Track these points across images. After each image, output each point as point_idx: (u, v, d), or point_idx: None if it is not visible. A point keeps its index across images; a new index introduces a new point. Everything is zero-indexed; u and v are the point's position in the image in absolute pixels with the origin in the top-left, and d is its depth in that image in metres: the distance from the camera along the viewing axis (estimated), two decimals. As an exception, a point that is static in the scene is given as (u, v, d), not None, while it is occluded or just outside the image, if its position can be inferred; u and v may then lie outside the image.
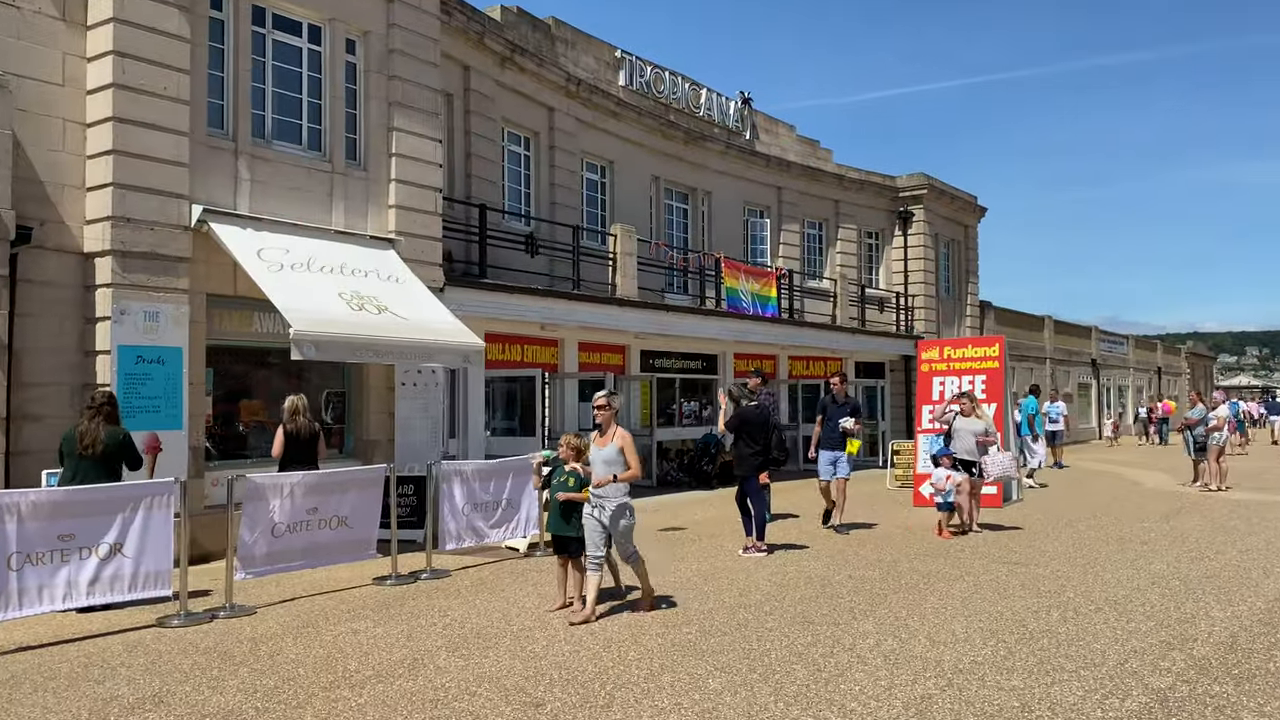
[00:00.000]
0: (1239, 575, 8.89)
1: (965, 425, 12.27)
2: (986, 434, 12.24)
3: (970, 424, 12.25)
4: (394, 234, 12.76)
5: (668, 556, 10.17)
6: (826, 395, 12.62)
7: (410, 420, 12.98)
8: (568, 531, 7.79)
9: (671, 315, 18.41)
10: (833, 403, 12.29)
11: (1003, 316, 32.86)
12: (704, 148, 22.04)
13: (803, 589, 8.43)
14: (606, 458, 7.56)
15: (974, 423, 12.26)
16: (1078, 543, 11.03)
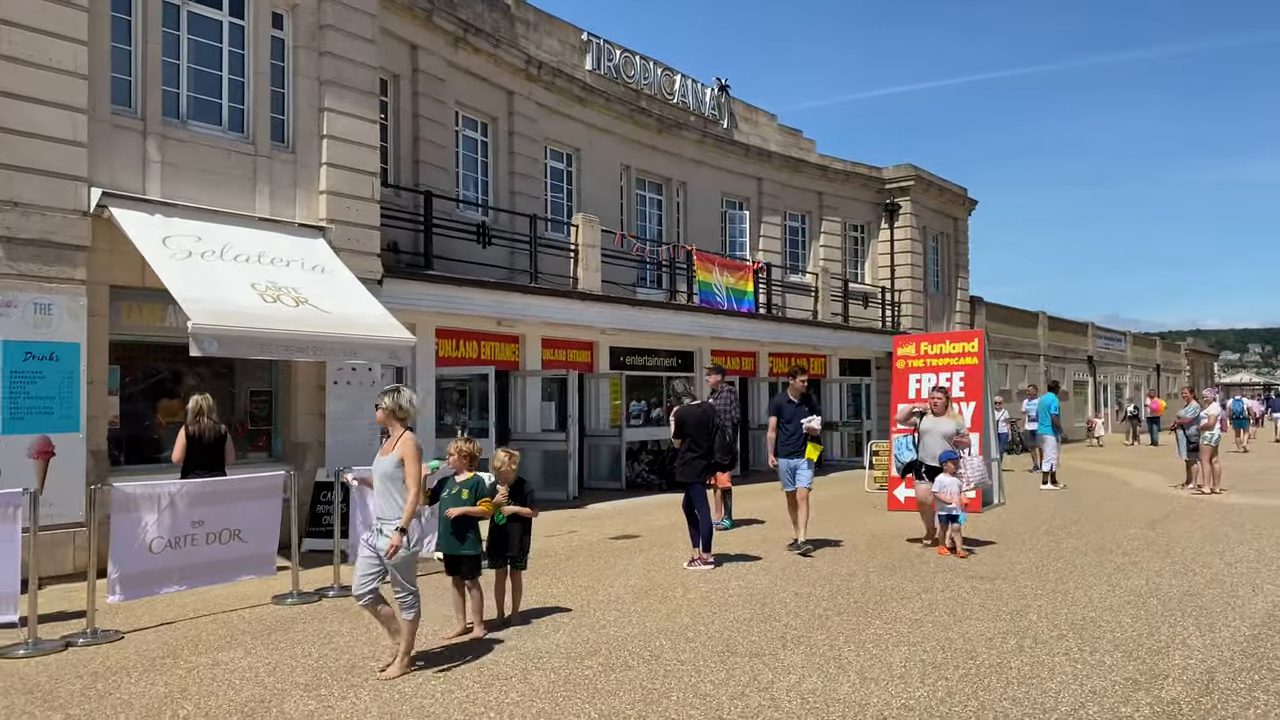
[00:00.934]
0: (1224, 593, 8.04)
1: (935, 426, 10.78)
2: (959, 435, 10.78)
3: (941, 424, 10.77)
4: (325, 222, 11.92)
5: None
6: (782, 394, 11.06)
7: (343, 421, 12.14)
8: (460, 550, 6.94)
9: (639, 310, 17.58)
10: (789, 403, 10.73)
11: (995, 312, 31.99)
12: (678, 136, 21.18)
13: (739, 609, 7.59)
14: (384, 470, 6.10)
15: (944, 423, 10.78)
16: (1054, 553, 10.18)
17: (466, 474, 7.02)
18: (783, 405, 10.79)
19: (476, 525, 6.96)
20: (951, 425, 10.84)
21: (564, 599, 8.10)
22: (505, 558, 7.30)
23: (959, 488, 10.30)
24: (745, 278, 20.49)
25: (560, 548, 11.18)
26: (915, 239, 27.11)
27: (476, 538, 6.94)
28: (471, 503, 6.90)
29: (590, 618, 7.36)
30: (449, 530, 6.94)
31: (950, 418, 10.94)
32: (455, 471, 7.08)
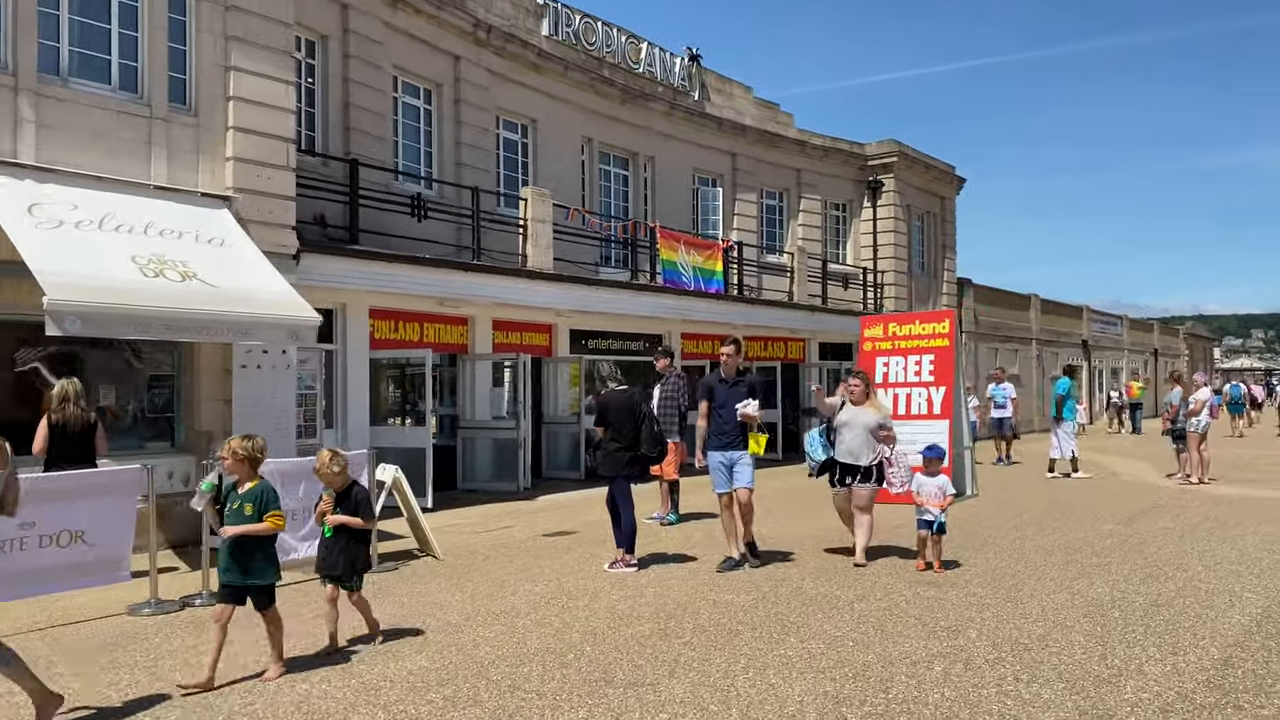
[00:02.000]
0: (1197, 602, 7.09)
1: (855, 418, 8.97)
2: (883, 429, 8.98)
3: (861, 415, 8.96)
4: (231, 191, 10.94)
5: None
6: (713, 373, 9.20)
7: (253, 408, 11.17)
8: (245, 580, 5.53)
9: (596, 290, 16.60)
10: (721, 383, 8.84)
11: (984, 295, 30.98)
12: (645, 108, 20.14)
13: (642, 623, 6.66)
14: None
15: (866, 414, 8.97)
16: (1016, 554, 9.24)
17: (250, 483, 5.66)
18: (714, 387, 8.85)
19: (269, 547, 5.65)
20: (874, 417, 9.00)
21: (451, 610, 7.17)
22: (332, 578, 6.16)
23: (940, 490, 8.67)
24: (714, 257, 19.50)
25: (483, 546, 10.26)
26: (899, 218, 26.08)
27: (268, 562, 5.62)
28: (256, 518, 5.53)
29: (468, 635, 6.43)
30: (229, 554, 5.53)
31: (873, 407, 9.10)
32: (235, 480, 5.72)
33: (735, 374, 8.91)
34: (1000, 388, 20.26)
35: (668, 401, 11.91)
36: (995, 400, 20.14)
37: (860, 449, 8.91)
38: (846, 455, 8.96)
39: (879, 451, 8.94)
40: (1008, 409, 19.90)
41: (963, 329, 29.03)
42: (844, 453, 8.98)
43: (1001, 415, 19.93)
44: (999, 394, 20.13)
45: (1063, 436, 17.03)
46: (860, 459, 8.90)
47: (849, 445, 8.93)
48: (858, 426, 8.94)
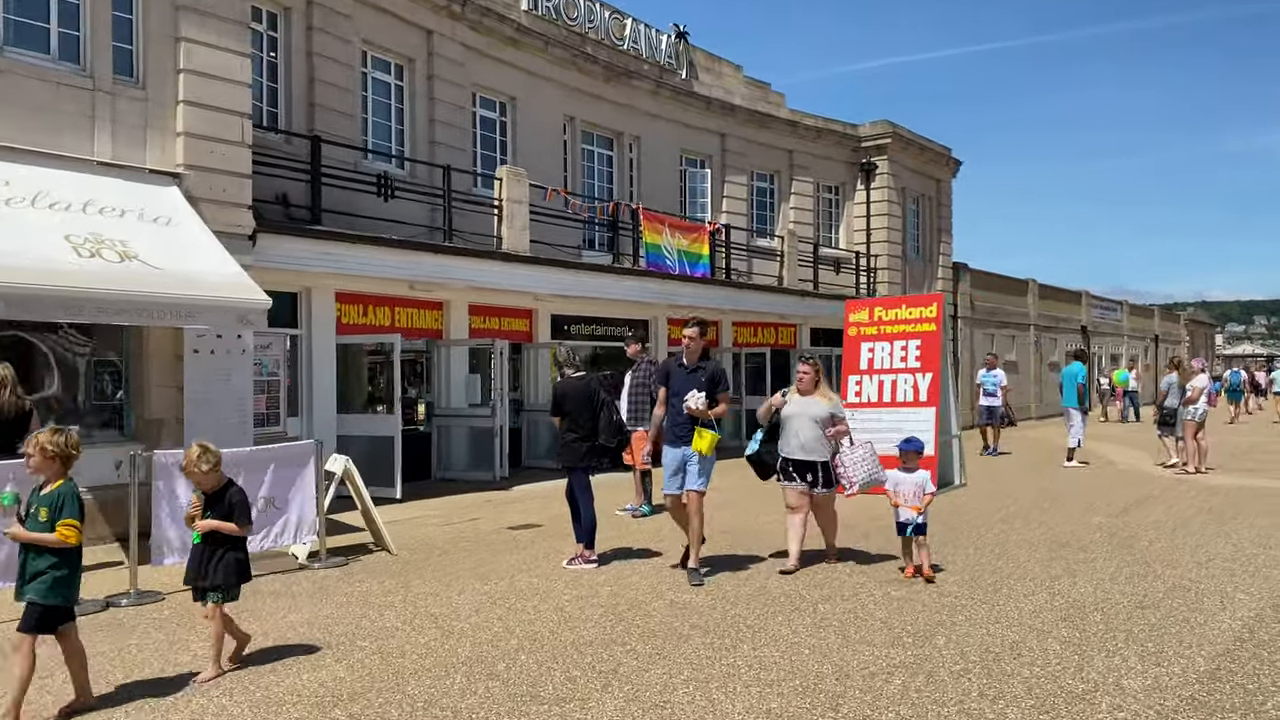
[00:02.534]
0: (1186, 604, 6.62)
1: (803, 409, 8.02)
2: (834, 421, 8.04)
3: (810, 406, 8.04)
4: (182, 168, 10.44)
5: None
6: (673, 357, 8.30)
7: (206, 395, 10.70)
8: (25, 595, 4.70)
9: (575, 274, 16.09)
10: (679, 367, 7.85)
11: (981, 280, 30.42)
12: (630, 86, 19.57)
13: (590, 626, 6.20)
14: None
15: (815, 404, 8.05)
16: (999, 549, 8.77)
17: (55, 484, 4.76)
18: (671, 372, 7.90)
19: (68, 563, 4.73)
20: (824, 407, 8.04)
21: (389, 612, 6.71)
22: (200, 589, 5.44)
23: (919, 488, 7.72)
24: (700, 240, 18.98)
25: (444, 539, 9.81)
26: (894, 201, 25.52)
27: (59, 582, 4.68)
28: (49, 526, 4.64)
29: (399, 640, 5.97)
30: (21, 563, 4.75)
31: (823, 397, 8.11)
32: (41, 482, 4.83)
33: (698, 359, 7.90)
34: (991, 374, 19.22)
35: (639, 389, 11.44)
36: (985, 388, 19.17)
37: (814, 443, 7.98)
38: (799, 451, 7.98)
39: (830, 447, 8.03)
40: (998, 397, 18.85)
41: (958, 314, 28.54)
42: (795, 448, 7.99)
43: (991, 403, 18.91)
44: (989, 381, 19.13)
45: (1076, 423, 16.53)
46: (812, 453, 7.97)
47: (802, 439, 7.95)
48: (805, 418, 7.95)
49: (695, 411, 7.50)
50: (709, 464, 7.68)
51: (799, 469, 8.04)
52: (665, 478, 7.77)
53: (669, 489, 7.75)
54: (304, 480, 8.52)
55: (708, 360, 8.00)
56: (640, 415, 11.35)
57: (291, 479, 8.45)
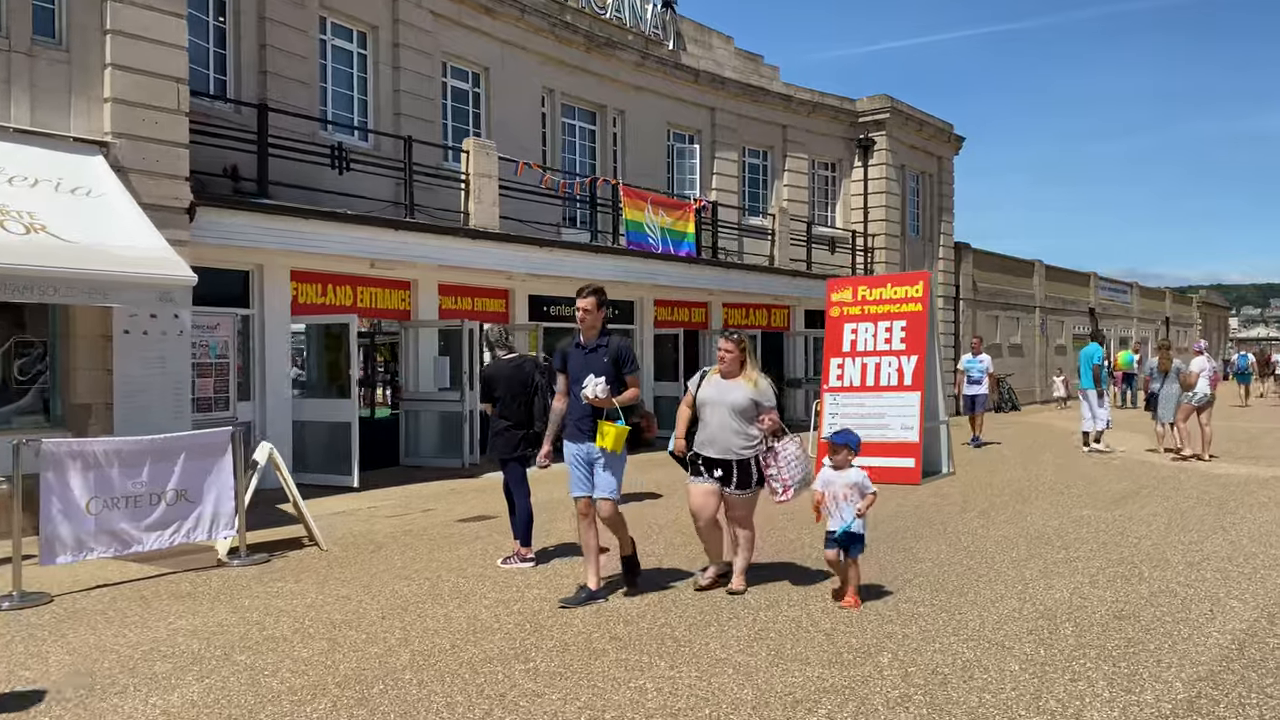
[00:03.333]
0: (1170, 613, 5.93)
1: (722, 395, 6.53)
2: (759, 409, 6.50)
3: (731, 392, 6.52)
4: (110, 136, 9.79)
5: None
6: (571, 338, 6.74)
7: (138, 379, 10.07)
8: None
9: (549, 252, 15.38)
10: (576, 348, 6.52)
11: (984, 260, 29.59)
12: (614, 57, 18.80)
13: (493, 640, 5.55)
14: None
15: (736, 389, 6.53)
16: (972, 546, 8.08)
17: None
18: (568, 354, 6.54)
19: None
20: (746, 393, 6.49)
21: (285, 619, 6.08)
22: None
23: (854, 490, 6.27)
24: (685, 218, 18.25)
25: (386, 533, 9.17)
26: (892, 178, 24.71)
27: None
28: None
29: (280, 654, 5.33)
30: None
31: (747, 381, 6.57)
32: None
33: (597, 336, 6.47)
34: (976, 360, 17.50)
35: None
36: (969, 374, 17.48)
37: (727, 437, 6.44)
38: (708, 445, 6.51)
39: (753, 442, 6.50)
40: (983, 384, 17.25)
41: (960, 295, 27.77)
42: (704, 442, 6.53)
43: (976, 392, 17.24)
44: (974, 367, 17.43)
45: (1096, 406, 15.76)
46: (728, 450, 6.46)
47: (712, 431, 6.48)
48: (723, 407, 6.48)
49: (595, 401, 6.17)
50: (619, 463, 6.36)
51: (709, 466, 6.57)
52: (571, 479, 6.45)
53: (575, 490, 6.46)
54: (220, 470, 7.89)
55: (609, 337, 6.52)
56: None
57: (206, 469, 7.82)
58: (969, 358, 17.59)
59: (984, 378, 17.10)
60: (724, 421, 6.47)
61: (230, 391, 12.13)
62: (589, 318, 6.48)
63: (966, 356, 17.74)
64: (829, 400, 13.05)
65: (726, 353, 6.61)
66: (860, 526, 6.24)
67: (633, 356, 6.50)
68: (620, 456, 6.35)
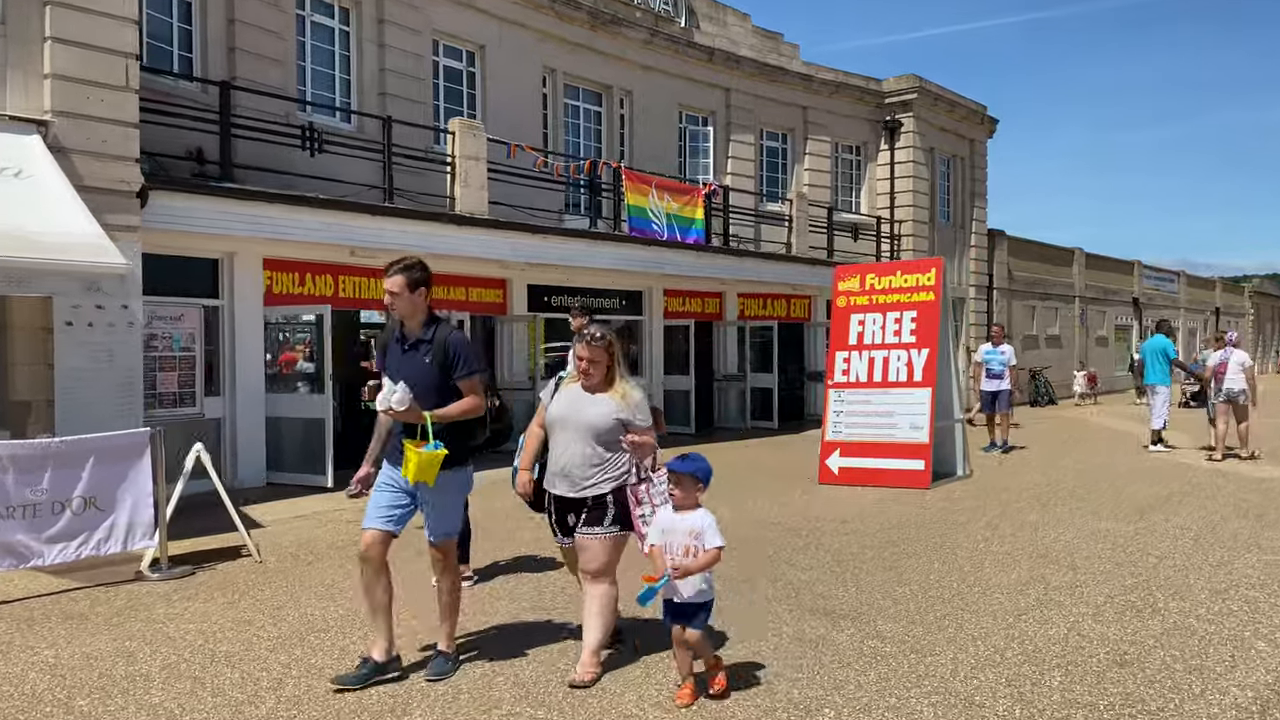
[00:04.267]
0: (1184, 659, 5.03)
1: (574, 412, 4.89)
2: (628, 430, 4.84)
3: (587, 408, 4.86)
4: (50, 115, 9.17)
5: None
6: (391, 327, 5.24)
7: (83, 374, 9.46)
8: None
9: (543, 239, 14.60)
10: (396, 342, 5.01)
11: (1020, 248, 28.37)
12: (620, 35, 17.96)
13: (374, 687, 4.80)
14: None
15: (596, 405, 4.86)
16: (967, 567, 7.19)
17: None
18: (387, 347, 5.04)
19: None
20: (610, 408, 4.82)
21: (169, 645, 5.39)
22: None
23: (693, 538, 4.48)
24: (693, 203, 17.38)
25: (328, 542, 8.48)
26: (920, 162, 23.62)
27: None
28: None
29: (123, 698, 4.64)
30: None
31: (615, 394, 4.85)
32: None
33: (420, 328, 4.91)
34: (996, 351, 15.12)
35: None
36: (989, 368, 15.09)
37: (577, 466, 4.82)
38: (559, 480, 4.88)
39: (618, 473, 4.85)
40: (1005, 379, 14.85)
41: (993, 285, 26.64)
42: (554, 475, 4.91)
43: (996, 388, 14.90)
44: (994, 360, 15.07)
45: (1159, 404, 14.69)
46: (576, 484, 4.83)
47: (563, 462, 4.86)
48: (577, 429, 4.82)
49: (394, 414, 4.64)
50: (449, 498, 4.88)
51: (562, 510, 4.95)
52: (369, 509, 4.87)
53: (370, 522, 4.83)
54: (137, 475, 7.23)
55: (436, 328, 4.92)
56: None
57: (120, 474, 7.16)
58: (988, 348, 15.30)
59: (1005, 371, 14.84)
60: (579, 449, 4.80)
61: (196, 386, 11.55)
62: (399, 303, 4.86)
63: (985, 347, 15.49)
64: (834, 397, 12.16)
65: (583, 358, 4.80)
66: (705, 590, 4.51)
67: (468, 355, 4.83)
68: (451, 490, 4.84)
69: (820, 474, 11.81)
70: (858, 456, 11.68)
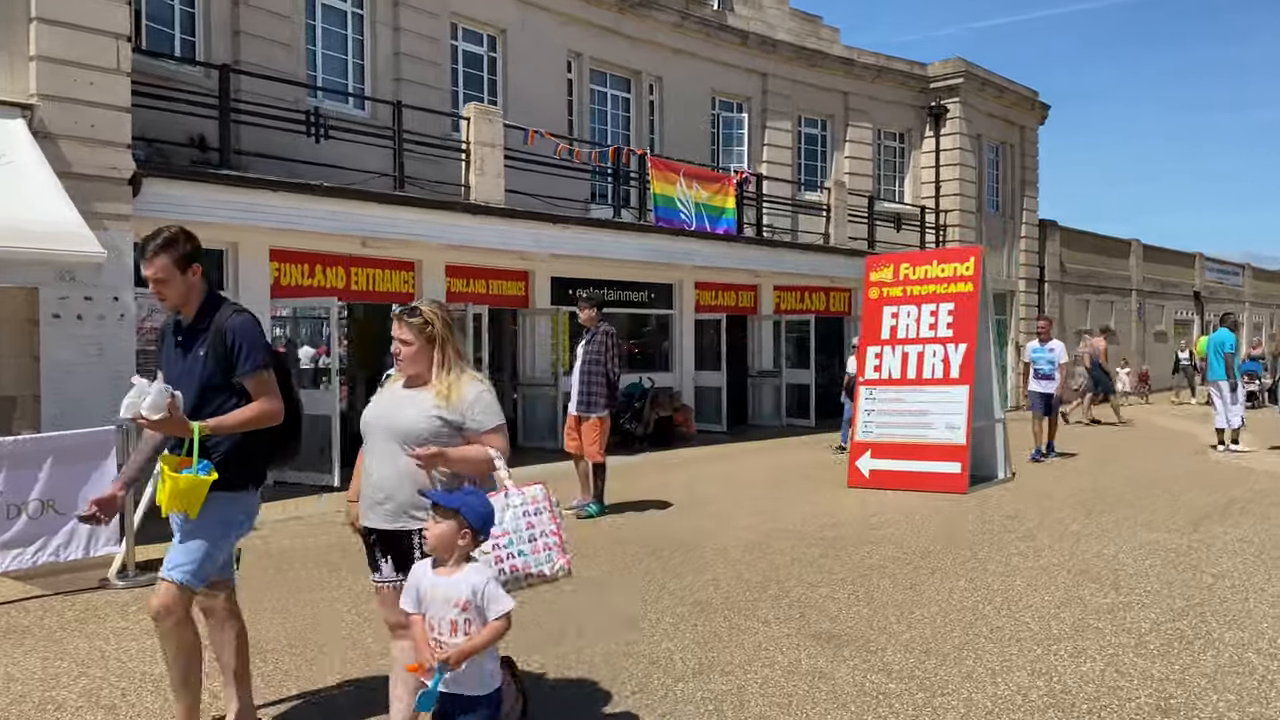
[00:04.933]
0: (1240, 707, 4.31)
1: (387, 415, 3.64)
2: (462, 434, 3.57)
3: (402, 409, 3.61)
4: (35, 98, 8.81)
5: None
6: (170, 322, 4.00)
7: (71, 368, 9.11)
8: None
9: (561, 229, 14.02)
10: (175, 331, 3.91)
11: (1073, 239, 27.22)
12: (649, 18, 17.31)
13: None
14: None
15: (414, 402, 3.60)
16: (997, 586, 6.48)
17: None
18: (165, 336, 4.02)
19: None
20: (428, 410, 3.57)
21: (101, 664, 4.93)
22: None
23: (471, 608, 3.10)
24: (724, 192, 16.70)
25: (310, 549, 7.99)
26: (967, 149, 22.66)
27: None
28: None
29: (32, 727, 4.14)
30: None
31: (438, 392, 3.59)
32: None
33: (197, 315, 3.84)
34: (1044, 349, 13.51)
35: (592, 365, 9.39)
36: (1036, 368, 13.54)
37: (389, 488, 3.58)
38: (370, 507, 3.65)
39: None
40: (1054, 380, 13.31)
41: (1045, 278, 25.59)
42: (365, 502, 3.68)
43: (1045, 389, 13.36)
44: (1042, 358, 13.50)
45: (1229, 402, 13.78)
46: (400, 513, 3.57)
47: (373, 481, 3.63)
48: (388, 437, 3.60)
49: (148, 424, 3.57)
50: (209, 530, 3.73)
51: (379, 547, 3.69)
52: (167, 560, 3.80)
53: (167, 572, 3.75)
54: (101, 476, 6.81)
55: (216, 314, 3.82)
56: (593, 398, 9.36)
57: (83, 475, 6.75)
58: (1035, 345, 13.74)
59: (1055, 371, 13.31)
60: (391, 464, 3.53)
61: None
62: (169, 291, 3.77)
63: (1032, 344, 13.89)
64: (864, 395, 11.45)
65: (400, 344, 3.61)
66: (487, 681, 3.15)
67: (254, 345, 3.75)
68: (211, 522, 3.70)
69: (850, 477, 11.12)
70: (890, 459, 10.96)
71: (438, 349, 3.61)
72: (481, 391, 3.64)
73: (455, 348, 3.66)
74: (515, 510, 3.50)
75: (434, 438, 3.49)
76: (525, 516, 3.50)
